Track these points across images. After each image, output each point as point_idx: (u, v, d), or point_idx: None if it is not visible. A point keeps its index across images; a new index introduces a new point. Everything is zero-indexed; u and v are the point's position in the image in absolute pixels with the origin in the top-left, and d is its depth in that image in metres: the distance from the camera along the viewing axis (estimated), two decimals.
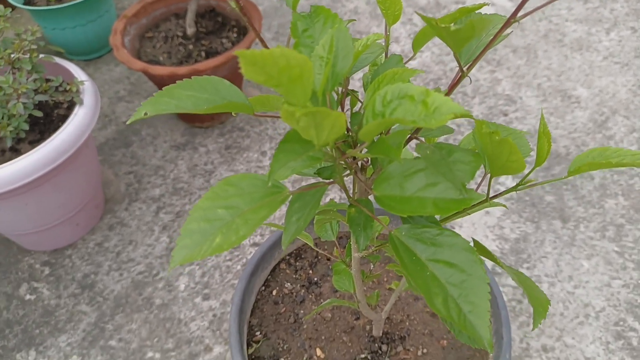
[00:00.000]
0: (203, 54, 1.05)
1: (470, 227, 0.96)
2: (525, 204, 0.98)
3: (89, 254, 0.94)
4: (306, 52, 0.30)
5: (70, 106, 0.84)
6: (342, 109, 0.37)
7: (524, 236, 0.94)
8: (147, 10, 1.11)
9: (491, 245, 0.93)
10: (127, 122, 0.28)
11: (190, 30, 1.07)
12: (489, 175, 0.33)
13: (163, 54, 1.06)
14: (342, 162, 0.34)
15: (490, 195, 0.36)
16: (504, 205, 0.45)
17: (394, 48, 1.30)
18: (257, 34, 0.31)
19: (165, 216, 0.99)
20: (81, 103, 0.81)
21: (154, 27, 1.12)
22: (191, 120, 1.13)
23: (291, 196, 0.32)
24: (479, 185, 0.38)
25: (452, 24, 0.29)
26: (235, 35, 1.10)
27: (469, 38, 0.27)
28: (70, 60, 1.31)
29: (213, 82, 0.31)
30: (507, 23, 0.30)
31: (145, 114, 0.29)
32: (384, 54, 0.37)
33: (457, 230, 0.95)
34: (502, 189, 1.01)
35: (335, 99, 0.37)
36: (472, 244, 0.34)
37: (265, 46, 0.33)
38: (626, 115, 1.11)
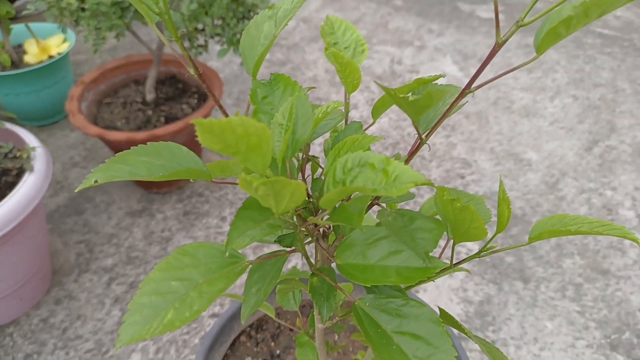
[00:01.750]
0: (162, 119, 1.05)
1: (434, 290, 0.95)
2: (487, 265, 0.99)
3: (33, 332, 0.87)
4: (265, 119, 0.30)
5: (20, 173, 0.80)
6: (303, 175, 0.36)
7: (488, 298, 0.93)
8: (106, 77, 1.11)
9: (456, 309, 0.92)
10: (76, 190, 0.27)
11: (149, 96, 1.07)
12: (452, 241, 0.32)
13: (121, 119, 1.05)
14: (304, 230, 0.33)
15: (454, 262, 0.36)
16: (468, 271, 0.44)
17: (353, 114, 1.34)
18: (216, 102, 0.31)
19: (117, 287, 0.94)
20: (31, 170, 0.78)
21: (112, 93, 1.12)
22: (148, 186, 1.10)
23: (250, 266, 0.31)
24: (443, 250, 0.37)
25: (410, 93, 0.29)
26: (195, 101, 1.10)
27: (426, 107, 0.27)
28: (23, 126, 1.28)
29: (169, 148, 0.30)
30: (462, 94, 0.31)
31: (96, 181, 0.27)
32: (344, 121, 0.37)
33: (421, 294, 0.94)
34: (464, 250, 1.01)
35: (296, 165, 0.37)
36: (438, 312, 0.33)
37: (225, 113, 0.33)
38: (575, 177, 1.16)
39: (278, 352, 0.64)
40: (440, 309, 0.36)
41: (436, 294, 0.94)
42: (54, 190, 1.13)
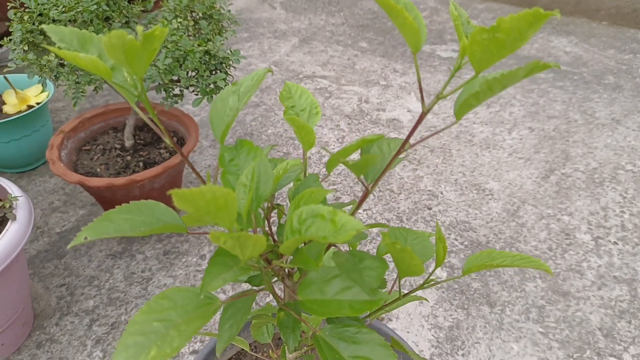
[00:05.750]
0: (141, 164, 1.09)
1: (406, 317, 1.00)
2: (455, 291, 1.04)
3: None
4: (232, 179, 0.35)
5: (2, 222, 0.83)
6: (269, 222, 0.42)
7: (457, 323, 0.98)
8: (85, 125, 1.15)
9: (427, 335, 0.97)
10: (69, 246, 0.31)
11: (128, 143, 1.12)
12: (397, 275, 0.37)
13: (100, 165, 1.09)
14: (270, 271, 0.38)
15: (404, 292, 0.41)
16: (425, 299, 0.49)
17: (324, 153, 1.40)
18: (184, 158, 0.36)
19: (99, 329, 0.96)
20: (14, 219, 0.81)
21: (91, 140, 1.16)
22: None
23: (223, 305, 0.35)
24: (393, 285, 0.43)
25: (357, 152, 0.35)
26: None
27: (366, 167, 0.33)
28: (3, 173, 1.31)
29: (149, 206, 0.35)
30: (399, 151, 0.36)
31: (85, 238, 0.32)
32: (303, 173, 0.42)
33: (393, 322, 0.99)
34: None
35: (262, 214, 0.42)
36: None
37: (193, 169, 0.38)
38: (534, 204, 1.24)
39: None
40: (392, 338, 0.41)
41: (408, 321, 0.99)
42: (34, 236, 1.15)
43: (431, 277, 0.38)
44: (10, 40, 0.86)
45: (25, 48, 0.84)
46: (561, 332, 0.96)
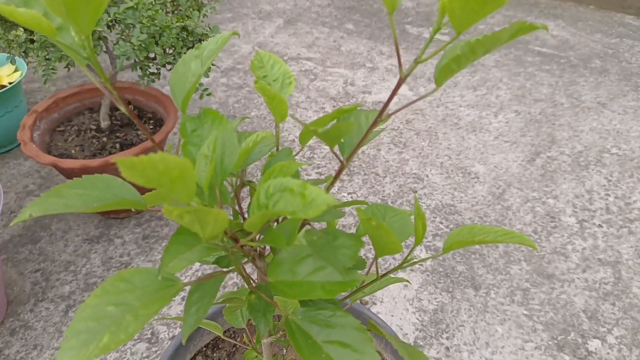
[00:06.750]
0: (117, 145, 1.05)
1: (391, 301, 0.98)
2: (440, 275, 1.03)
3: None
4: (194, 151, 0.32)
5: None
6: (238, 200, 0.39)
7: (441, 306, 0.97)
8: (59, 105, 1.11)
9: (412, 318, 0.95)
10: (11, 224, 0.28)
11: (104, 124, 1.08)
12: (376, 254, 0.35)
13: (75, 147, 1.05)
14: (237, 251, 0.35)
15: (382, 273, 0.39)
16: (407, 281, 0.48)
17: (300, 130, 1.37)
18: (151, 139, 0.33)
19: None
20: None
21: (66, 121, 1.12)
22: (106, 212, 1.10)
23: (186, 287, 0.33)
24: (371, 265, 0.40)
25: (330, 124, 0.33)
26: (151, 127, 1.11)
27: (338, 137, 0.30)
28: None
29: (104, 180, 0.32)
30: (375, 122, 0.34)
31: (30, 215, 0.29)
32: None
33: (377, 305, 0.97)
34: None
35: (231, 190, 0.39)
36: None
37: (159, 147, 0.35)
38: (519, 187, 1.23)
39: None
40: (370, 321, 0.39)
41: (393, 304, 0.98)
42: (7, 220, 1.11)
43: (411, 256, 0.36)
44: None
45: None
46: (545, 314, 0.96)
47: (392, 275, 0.62)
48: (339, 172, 0.36)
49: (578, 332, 0.93)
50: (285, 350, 0.57)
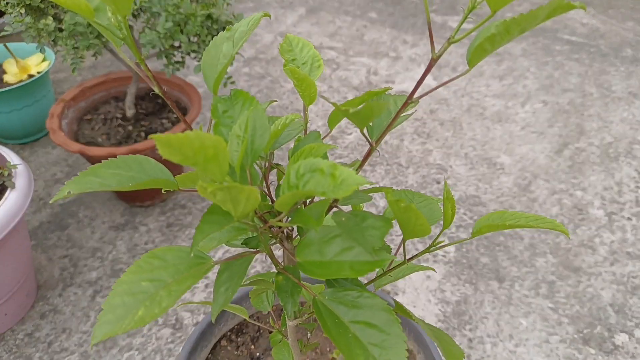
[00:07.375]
0: (143, 134, 1.07)
1: (413, 292, 0.98)
2: (463, 266, 1.02)
3: (18, 346, 0.88)
4: (226, 132, 0.33)
5: (2, 190, 0.82)
6: (267, 182, 0.39)
7: (465, 298, 0.96)
8: (86, 94, 1.13)
9: (434, 309, 0.95)
10: (51, 201, 0.29)
11: (129, 112, 1.10)
12: (403, 237, 0.35)
13: (102, 135, 1.07)
14: (266, 231, 0.36)
15: (408, 257, 0.39)
16: (432, 269, 0.47)
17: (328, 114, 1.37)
18: (184, 121, 0.34)
19: (102, 300, 0.95)
20: (13, 187, 0.80)
21: (93, 110, 1.14)
22: (131, 199, 1.12)
23: (216, 266, 0.33)
24: (398, 248, 0.40)
25: (360, 105, 0.32)
26: (175, 115, 1.13)
27: (369, 118, 0.30)
28: (5, 144, 1.29)
29: (138, 161, 0.33)
30: (406, 104, 0.34)
31: (69, 192, 0.30)
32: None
33: (400, 296, 0.97)
34: (441, 253, 1.05)
35: (260, 172, 0.40)
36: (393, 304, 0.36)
37: (190, 128, 0.35)
38: (546, 179, 1.21)
39: (258, 354, 0.67)
40: (396, 302, 0.39)
41: (415, 295, 0.97)
42: (36, 207, 1.14)
43: (438, 240, 0.36)
44: (7, 3, 0.83)
45: (22, 11, 0.82)
46: (571, 307, 0.94)
47: (417, 264, 0.62)
48: (367, 155, 0.36)
49: (605, 325, 0.91)
50: (309, 334, 0.58)
